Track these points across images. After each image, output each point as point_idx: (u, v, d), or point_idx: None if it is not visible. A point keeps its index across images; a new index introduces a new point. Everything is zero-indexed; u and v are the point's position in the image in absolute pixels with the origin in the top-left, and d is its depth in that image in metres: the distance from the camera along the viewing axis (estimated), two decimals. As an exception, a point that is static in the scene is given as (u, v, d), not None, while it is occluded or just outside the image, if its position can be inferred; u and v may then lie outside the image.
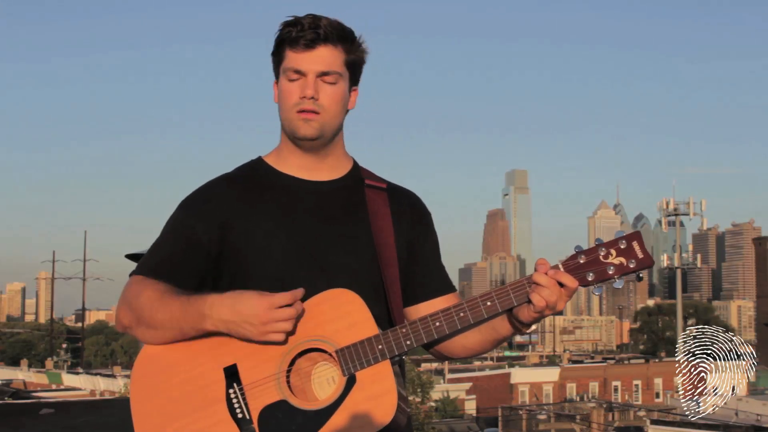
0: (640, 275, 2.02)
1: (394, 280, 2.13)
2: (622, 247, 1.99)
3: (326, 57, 2.10)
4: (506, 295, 2.01)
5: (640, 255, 1.99)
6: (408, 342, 2.00)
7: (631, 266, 1.98)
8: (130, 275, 2.15)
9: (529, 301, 1.99)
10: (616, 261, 1.99)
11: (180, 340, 2.05)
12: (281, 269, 2.08)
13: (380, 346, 1.98)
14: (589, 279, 1.99)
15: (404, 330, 2.01)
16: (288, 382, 2.00)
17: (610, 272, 1.98)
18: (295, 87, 2.11)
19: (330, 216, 2.15)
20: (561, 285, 1.98)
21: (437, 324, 2.01)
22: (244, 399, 1.99)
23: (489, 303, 2.01)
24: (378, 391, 1.96)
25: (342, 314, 2.01)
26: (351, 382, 1.97)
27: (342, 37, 2.12)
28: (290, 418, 1.95)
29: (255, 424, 1.97)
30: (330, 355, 2.00)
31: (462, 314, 2.01)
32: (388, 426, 1.95)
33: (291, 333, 2.00)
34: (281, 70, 2.14)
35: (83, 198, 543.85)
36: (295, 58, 2.10)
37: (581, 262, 2.00)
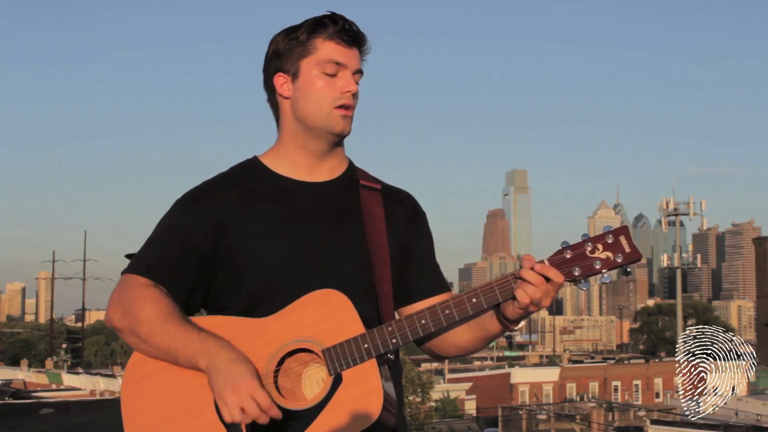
0: (628, 269, 2.01)
1: (385, 281, 2.12)
2: (609, 241, 1.98)
3: (359, 57, 2.15)
4: (491, 292, 2.00)
5: (627, 249, 1.98)
6: (394, 340, 1.99)
7: (618, 260, 1.97)
8: (123, 273, 2.14)
9: (514, 298, 1.98)
10: (603, 255, 1.97)
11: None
12: (275, 271, 2.08)
13: (366, 345, 1.98)
14: (576, 274, 1.97)
15: (390, 328, 2.00)
16: (276, 382, 1.99)
17: (597, 267, 1.97)
18: (333, 82, 2.10)
19: (324, 217, 2.14)
20: (547, 280, 1.96)
21: (423, 322, 2.01)
22: None
23: (474, 300, 2.00)
24: (363, 390, 1.96)
25: (329, 314, 2.01)
26: (337, 381, 1.97)
27: (365, 44, 2.16)
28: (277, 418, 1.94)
29: (242, 426, 1.96)
30: (317, 355, 1.99)
31: (447, 312, 2.01)
32: (375, 424, 1.94)
33: (277, 338, 2.00)
34: (312, 63, 2.10)
35: (83, 198, 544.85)
36: (337, 51, 2.10)
37: (567, 257, 1.98)
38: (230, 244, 2.10)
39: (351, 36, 2.11)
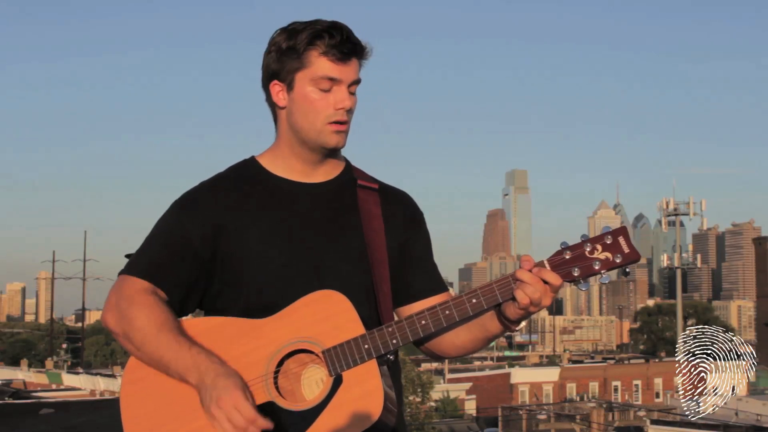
0: (627, 270, 2.02)
1: (384, 281, 2.12)
2: (608, 242, 1.99)
3: (356, 69, 2.12)
4: (491, 293, 2.00)
5: (626, 250, 1.98)
6: (394, 341, 2.00)
7: (617, 261, 1.98)
8: (120, 274, 2.13)
9: (514, 298, 1.99)
10: (602, 256, 1.98)
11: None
12: (273, 273, 2.07)
13: (366, 346, 1.98)
14: (575, 274, 1.98)
15: (390, 329, 2.00)
16: (276, 383, 1.99)
17: (596, 267, 1.98)
18: (327, 97, 2.09)
19: (322, 218, 2.14)
20: (545, 282, 1.97)
21: (423, 322, 2.01)
22: None
23: (474, 300, 2.01)
24: (364, 391, 1.96)
25: (329, 315, 2.01)
26: (338, 382, 1.97)
27: (364, 53, 2.14)
28: (277, 419, 1.94)
29: None
30: (317, 355, 1.99)
31: (448, 312, 2.01)
32: (375, 425, 1.94)
33: (277, 339, 2.00)
34: (306, 78, 2.09)
35: (83, 198, 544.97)
36: (331, 68, 2.07)
37: (567, 257, 1.99)
38: (229, 246, 2.10)
39: (347, 52, 2.09)
